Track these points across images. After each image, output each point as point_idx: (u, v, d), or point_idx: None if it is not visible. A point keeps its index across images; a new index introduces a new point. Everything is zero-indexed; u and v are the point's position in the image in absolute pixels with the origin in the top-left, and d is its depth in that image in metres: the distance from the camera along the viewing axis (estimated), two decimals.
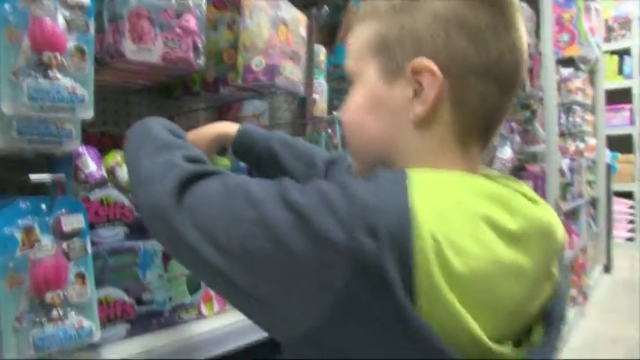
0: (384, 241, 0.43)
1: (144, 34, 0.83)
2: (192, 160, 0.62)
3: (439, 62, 0.53)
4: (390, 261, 0.43)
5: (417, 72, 0.54)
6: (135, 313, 0.86)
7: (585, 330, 3.25)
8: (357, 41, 0.60)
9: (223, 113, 1.27)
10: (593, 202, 4.43)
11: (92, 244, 0.79)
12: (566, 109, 3.80)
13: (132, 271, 0.86)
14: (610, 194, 4.65)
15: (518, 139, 2.79)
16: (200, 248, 0.52)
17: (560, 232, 0.54)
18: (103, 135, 1.05)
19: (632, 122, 5.47)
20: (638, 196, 5.37)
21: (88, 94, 0.74)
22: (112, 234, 0.85)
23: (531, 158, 3.22)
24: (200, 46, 0.92)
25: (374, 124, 0.59)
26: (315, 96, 1.26)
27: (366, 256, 0.43)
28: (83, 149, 0.84)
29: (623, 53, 5.55)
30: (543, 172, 3.02)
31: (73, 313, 0.72)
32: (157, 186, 0.58)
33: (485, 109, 0.55)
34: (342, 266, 0.44)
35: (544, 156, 3.03)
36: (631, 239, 5.41)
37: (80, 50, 0.74)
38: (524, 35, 0.57)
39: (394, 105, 0.56)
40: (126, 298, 0.84)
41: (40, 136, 0.73)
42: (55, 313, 0.70)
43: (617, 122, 5.46)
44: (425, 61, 0.53)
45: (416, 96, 0.54)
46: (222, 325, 0.94)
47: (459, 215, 0.47)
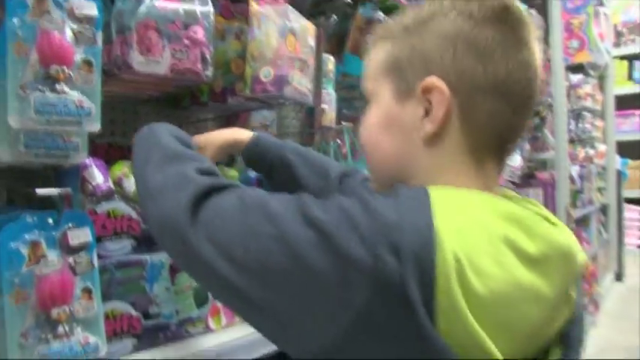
0: (407, 260, 0.43)
1: (152, 46, 0.82)
2: (205, 172, 0.61)
3: (448, 81, 0.54)
4: (412, 279, 0.43)
5: (426, 91, 0.55)
6: (141, 327, 0.85)
7: (597, 339, 3.20)
8: (372, 62, 0.62)
9: (231, 123, 1.26)
10: (604, 209, 4.39)
11: (99, 257, 0.78)
12: (576, 115, 3.77)
13: (139, 284, 0.85)
14: (621, 201, 4.60)
15: (527, 146, 2.77)
16: (214, 263, 0.51)
17: (579, 256, 0.53)
18: (110, 146, 1.05)
19: None
20: None
21: (94, 107, 0.73)
22: (119, 247, 0.85)
23: (541, 165, 3.19)
24: (208, 57, 0.91)
25: (388, 143, 0.60)
26: (324, 106, 1.25)
27: (388, 275, 0.43)
28: (90, 161, 0.83)
29: (632, 58, 5.50)
30: (553, 180, 2.99)
31: (79, 329, 0.71)
32: (170, 199, 0.57)
33: (495, 126, 0.55)
34: (363, 284, 0.44)
35: (554, 163, 3.01)
36: None
37: (87, 63, 0.74)
38: (536, 52, 0.56)
39: (406, 124, 0.57)
40: (132, 311, 0.83)
41: (46, 150, 0.73)
42: (61, 329, 0.69)
43: (627, 128, 5.41)
44: (434, 80, 0.54)
45: (426, 115, 0.55)
46: (229, 338, 0.93)
47: (480, 236, 0.47)
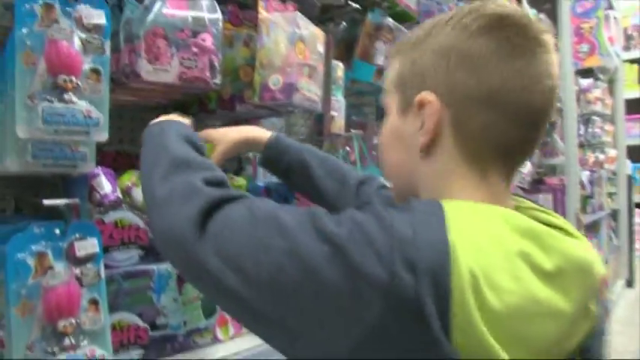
0: (423, 276, 0.43)
1: (160, 55, 0.82)
2: (214, 183, 0.59)
3: (440, 94, 0.55)
4: (427, 295, 0.42)
5: (421, 105, 0.56)
6: (148, 338, 0.84)
7: (608, 346, 3.16)
8: (387, 78, 0.64)
9: None
10: (614, 215, 4.34)
11: (106, 267, 0.77)
12: (585, 120, 3.74)
13: (146, 295, 0.85)
14: (631, 206, 4.55)
15: (537, 151, 2.75)
16: (222, 277, 0.50)
17: (598, 268, 0.52)
18: (118, 153, 1.04)
19: None
20: None
21: (103, 117, 0.73)
22: (127, 257, 0.84)
23: (550, 171, 3.16)
24: (217, 64, 0.91)
25: (395, 155, 0.62)
26: (333, 113, 1.24)
27: (403, 290, 0.43)
28: (99, 170, 0.83)
29: None
30: (563, 185, 2.97)
31: (86, 342, 0.70)
32: (176, 212, 0.56)
33: (491, 137, 0.54)
34: (377, 299, 0.43)
35: (563, 168, 2.98)
36: None
37: (96, 72, 0.73)
38: (542, 60, 0.54)
39: (407, 137, 0.59)
40: (140, 322, 0.83)
41: (54, 160, 0.72)
42: (67, 341, 0.69)
43: (637, 132, 5.34)
44: (426, 94, 0.55)
45: (421, 127, 0.56)
46: (238, 349, 0.92)
47: (496, 251, 0.46)
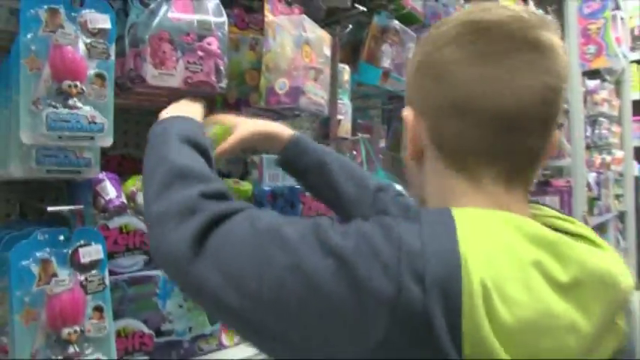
0: (432, 288, 0.42)
1: (165, 59, 0.81)
2: (213, 196, 0.57)
3: (415, 107, 0.56)
4: (436, 308, 0.41)
5: (405, 120, 0.58)
6: (154, 345, 0.83)
7: None
8: None
9: None
10: (622, 217, 4.30)
11: (111, 273, 0.77)
12: (592, 121, 3.71)
13: (151, 301, 0.84)
14: (639, 208, 4.51)
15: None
16: (222, 293, 0.49)
17: (625, 280, 0.48)
18: (123, 158, 1.04)
19: None
20: None
21: (107, 122, 0.72)
22: (132, 263, 0.83)
23: (557, 172, 3.14)
24: (222, 68, 0.90)
25: (408, 166, 0.62)
26: (340, 117, 1.23)
27: (411, 304, 0.42)
28: (104, 175, 0.82)
29: None
30: (570, 187, 2.94)
31: (91, 350, 0.70)
32: (172, 231, 0.54)
33: (469, 145, 0.52)
34: (384, 314, 0.42)
35: (570, 170, 2.96)
36: None
37: (100, 77, 0.73)
38: (520, 60, 0.50)
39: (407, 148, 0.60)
40: (145, 329, 0.82)
41: (58, 165, 0.72)
42: (71, 349, 0.68)
43: None
44: (406, 109, 0.57)
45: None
46: (243, 355, 0.91)
47: (509, 261, 0.44)
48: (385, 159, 1.68)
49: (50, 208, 0.71)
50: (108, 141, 0.73)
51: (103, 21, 0.73)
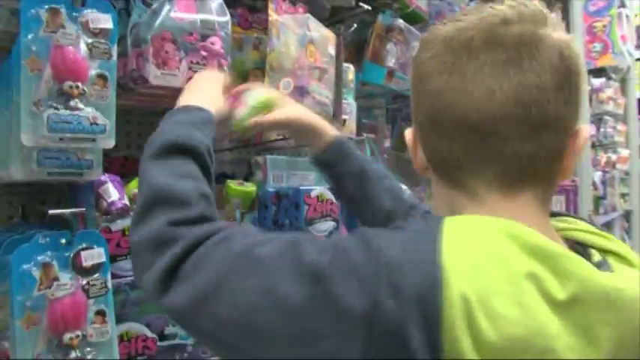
0: (408, 302, 0.39)
1: (168, 59, 0.80)
2: (186, 222, 0.54)
3: (414, 115, 0.55)
4: (412, 324, 0.39)
5: (406, 136, 0.58)
6: (157, 348, 0.82)
7: None
8: None
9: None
10: (627, 216, 4.28)
11: (113, 277, 0.76)
12: (597, 120, 3.69)
13: (154, 304, 0.82)
14: None
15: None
16: (198, 322, 0.49)
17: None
18: (126, 159, 1.03)
19: None
20: None
21: (109, 123, 0.71)
22: None
23: None
24: (225, 68, 0.89)
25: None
26: (345, 116, 1.22)
27: (387, 319, 0.39)
28: (106, 177, 0.81)
29: None
30: (575, 186, 2.93)
31: (93, 354, 0.69)
32: (145, 267, 0.53)
33: (448, 158, 0.50)
34: (361, 330, 0.40)
35: (575, 169, 2.94)
36: None
37: (102, 77, 0.71)
38: (476, 67, 0.47)
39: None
40: (148, 332, 0.81)
41: (60, 168, 0.71)
42: (73, 354, 0.67)
43: None
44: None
45: None
46: None
47: (498, 273, 0.41)
48: (390, 159, 1.66)
49: (51, 212, 0.69)
50: (110, 143, 0.72)
51: (104, 21, 0.72)
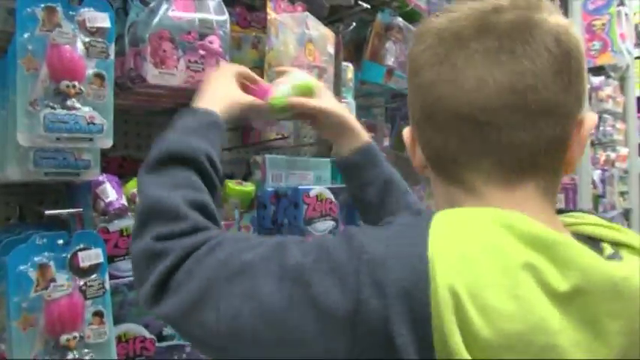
0: (393, 298, 0.38)
1: (166, 58, 0.79)
2: (180, 234, 0.53)
3: (410, 112, 0.53)
4: (399, 321, 0.37)
5: (404, 135, 0.57)
6: (155, 349, 0.81)
7: None
8: None
9: (247, 134, 1.23)
10: (627, 214, 4.28)
11: (111, 277, 0.75)
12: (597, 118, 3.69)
13: None
14: None
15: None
16: (188, 329, 0.51)
17: None
18: (124, 159, 1.02)
19: None
20: None
21: (107, 123, 0.71)
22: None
23: None
24: None
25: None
26: None
27: (371, 318, 0.38)
28: (103, 177, 0.81)
29: None
30: (574, 184, 2.93)
31: (91, 355, 0.68)
32: (140, 278, 0.54)
33: (443, 152, 0.49)
34: (344, 333, 0.39)
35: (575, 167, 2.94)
36: None
37: (99, 76, 0.71)
38: (466, 56, 0.46)
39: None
40: (146, 333, 0.81)
41: (56, 168, 0.70)
42: (70, 355, 0.67)
43: None
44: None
45: None
46: None
47: (491, 265, 0.39)
48: (389, 157, 1.65)
49: (48, 212, 0.69)
50: (107, 142, 0.72)
51: (101, 20, 0.71)
